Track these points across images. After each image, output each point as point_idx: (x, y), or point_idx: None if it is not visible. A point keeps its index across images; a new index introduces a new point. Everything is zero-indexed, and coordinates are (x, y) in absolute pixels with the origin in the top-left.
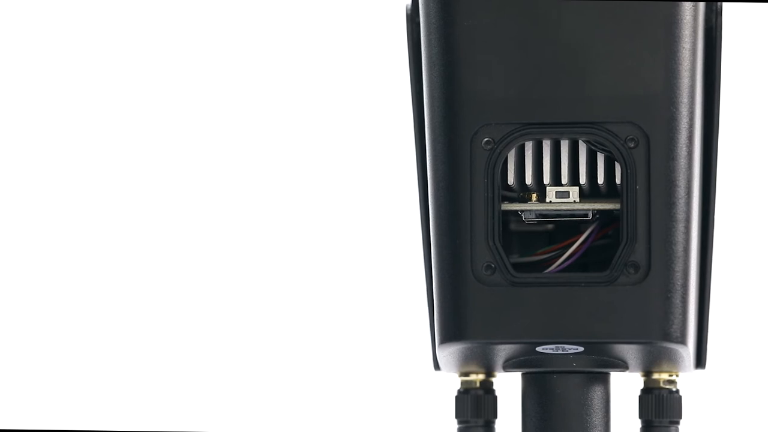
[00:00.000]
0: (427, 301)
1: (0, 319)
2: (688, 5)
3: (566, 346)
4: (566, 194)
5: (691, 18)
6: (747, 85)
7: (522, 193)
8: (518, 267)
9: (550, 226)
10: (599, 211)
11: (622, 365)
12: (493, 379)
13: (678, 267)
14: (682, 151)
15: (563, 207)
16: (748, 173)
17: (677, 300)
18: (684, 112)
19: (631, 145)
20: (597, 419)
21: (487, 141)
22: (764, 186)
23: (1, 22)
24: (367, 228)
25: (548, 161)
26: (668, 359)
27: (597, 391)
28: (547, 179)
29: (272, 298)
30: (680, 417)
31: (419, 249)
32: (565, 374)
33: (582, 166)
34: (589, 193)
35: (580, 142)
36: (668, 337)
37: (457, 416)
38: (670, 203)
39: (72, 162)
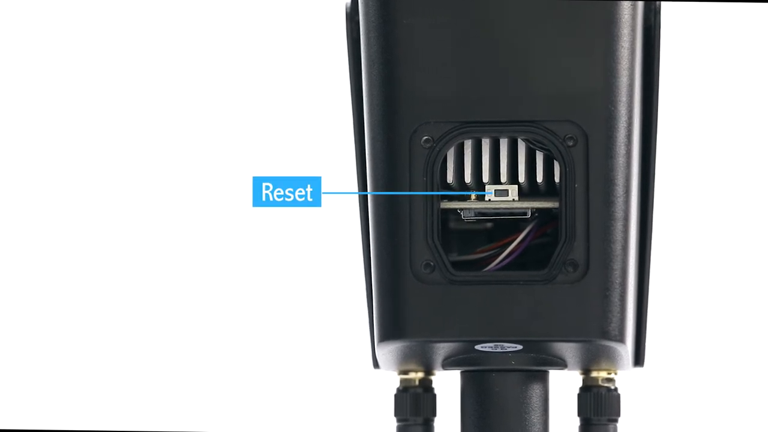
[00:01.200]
0: (367, 300)
1: None
2: (626, 4)
3: (505, 345)
4: (505, 193)
5: (629, 17)
6: (685, 84)
7: (461, 191)
8: (457, 265)
9: (489, 224)
10: (538, 210)
11: (560, 363)
12: (432, 378)
13: (616, 265)
14: (620, 149)
15: (502, 205)
16: (687, 171)
17: (616, 298)
18: (623, 111)
19: (570, 143)
20: (535, 417)
21: (426, 139)
22: (702, 184)
23: None
24: (307, 227)
25: (487, 160)
26: (607, 357)
27: (536, 389)
28: (486, 177)
29: (213, 297)
30: (618, 415)
31: (359, 247)
32: (504, 372)
33: (521, 164)
34: (528, 191)
35: (519, 140)
36: (606, 335)
37: (396, 414)
38: (608, 202)
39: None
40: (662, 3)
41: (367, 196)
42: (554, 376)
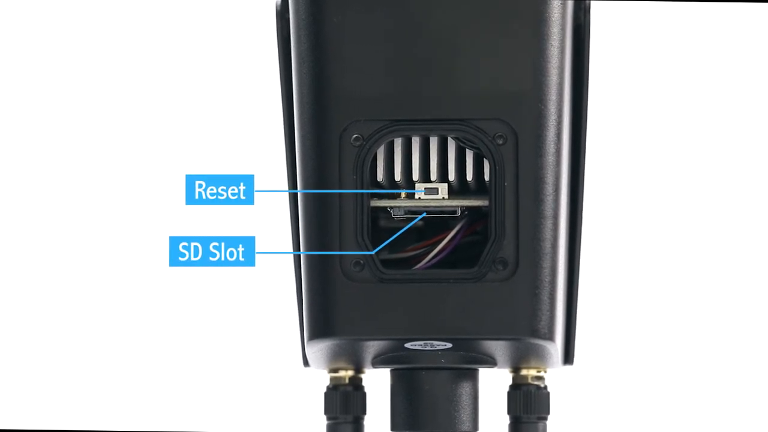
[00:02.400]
0: (297, 298)
1: None
2: (556, 3)
3: (435, 343)
4: (435, 191)
5: (559, 15)
6: (615, 83)
7: (391, 189)
8: (387, 264)
9: (419, 222)
10: (468, 208)
11: (490, 361)
12: (362, 376)
13: (546, 264)
14: (550, 148)
15: (432, 203)
16: (617, 170)
17: (545, 296)
18: (552, 110)
19: (500, 141)
20: (465, 415)
21: (356, 137)
22: (632, 182)
23: None
24: (238, 224)
25: (417, 158)
26: (536, 355)
27: (465, 387)
28: (416, 176)
29: (145, 296)
30: (548, 413)
31: (289, 244)
32: (434, 370)
33: (451, 162)
34: (458, 189)
35: (449, 138)
36: (536, 333)
37: (326, 412)
38: (538, 200)
39: None
40: (592, 2)
41: (297, 194)
42: (484, 374)
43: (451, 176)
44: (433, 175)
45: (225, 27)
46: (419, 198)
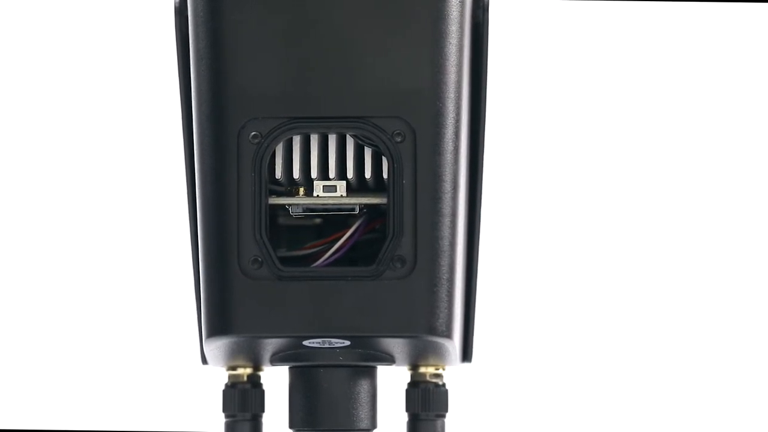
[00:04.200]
0: (195, 295)
1: None
2: (454, 1)
3: (333, 340)
4: (333, 188)
5: (457, 14)
6: (515, 81)
7: (290, 187)
8: (285, 261)
9: (318, 220)
10: (366, 206)
11: (388, 359)
12: (261, 373)
13: (444, 261)
14: (448, 145)
15: (330, 201)
16: (515, 168)
17: (443, 294)
18: (450, 107)
19: (398, 139)
20: (363, 413)
21: (254, 135)
22: (530, 181)
23: None
24: (134, 222)
25: (316, 155)
26: (434, 353)
27: (364, 385)
28: (314, 173)
29: (38, 291)
30: (446, 410)
31: (187, 243)
32: (332, 368)
33: (349, 160)
34: (357, 187)
35: (348, 136)
36: (434, 331)
37: (224, 410)
38: (436, 198)
39: None
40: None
41: (195, 191)
42: (382, 371)
43: (350, 174)
44: (332, 173)
45: (123, 23)
46: (317, 196)
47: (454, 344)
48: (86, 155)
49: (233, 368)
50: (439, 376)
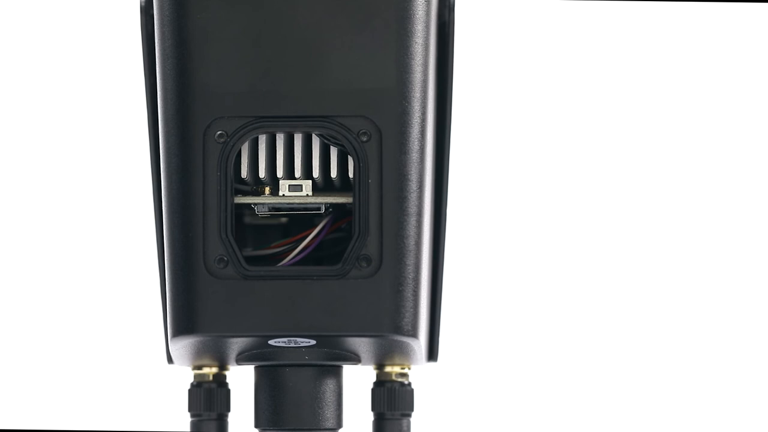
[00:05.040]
0: (161, 294)
1: None
2: (420, 0)
3: (298, 340)
4: (299, 188)
5: (423, 13)
6: (480, 81)
7: (255, 186)
8: (251, 260)
9: (283, 219)
10: (332, 205)
11: (354, 358)
12: (227, 373)
13: (410, 260)
14: (414, 145)
15: (296, 200)
16: (482, 168)
17: (409, 293)
18: (416, 107)
19: (364, 138)
20: (329, 412)
21: (220, 134)
22: (495, 180)
23: None
24: (100, 221)
25: (282, 155)
26: (400, 352)
27: (329, 384)
28: (280, 172)
29: (2, 291)
30: (412, 409)
31: (153, 242)
32: (298, 367)
33: (315, 159)
34: (323, 186)
35: (314, 135)
36: (399, 330)
37: (190, 409)
38: (401, 197)
39: None
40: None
41: (161, 190)
42: (348, 371)
43: (316, 173)
44: (298, 172)
45: (88, 22)
46: (283, 195)
47: (420, 343)
48: (52, 154)
49: (199, 367)
50: (404, 375)
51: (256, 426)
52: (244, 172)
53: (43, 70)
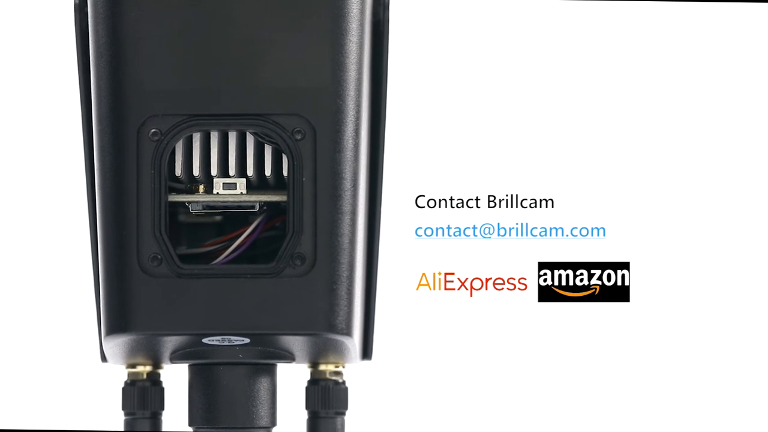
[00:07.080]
0: (95, 292)
1: None
2: None
3: (232, 338)
4: (233, 186)
5: (357, 11)
6: (415, 78)
7: (190, 184)
8: (185, 258)
9: (218, 217)
10: (267, 203)
11: (288, 356)
12: (161, 371)
13: (344, 259)
14: (348, 143)
15: (230, 198)
16: (416, 166)
17: (342, 292)
18: (351, 105)
19: (298, 137)
20: (263, 410)
21: (154, 132)
22: (427, 177)
23: None
24: (34, 219)
25: (216, 153)
26: (334, 351)
27: (263, 383)
28: (214, 171)
29: None
30: (346, 408)
31: (86, 240)
32: (231, 366)
33: (249, 157)
34: (257, 184)
35: (248, 133)
36: (333, 328)
37: (123, 408)
38: (336, 195)
39: None
40: None
41: (94, 188)
42: (282, 369)
43: (250, 171)
44: (232, 171)
45: (22, 20)
46: (217, 193)
47: (354, 342)
48: None
49: (133, 366)
50: (338, 373)
51: (190, 424)
52: (179, 171)
53: None
